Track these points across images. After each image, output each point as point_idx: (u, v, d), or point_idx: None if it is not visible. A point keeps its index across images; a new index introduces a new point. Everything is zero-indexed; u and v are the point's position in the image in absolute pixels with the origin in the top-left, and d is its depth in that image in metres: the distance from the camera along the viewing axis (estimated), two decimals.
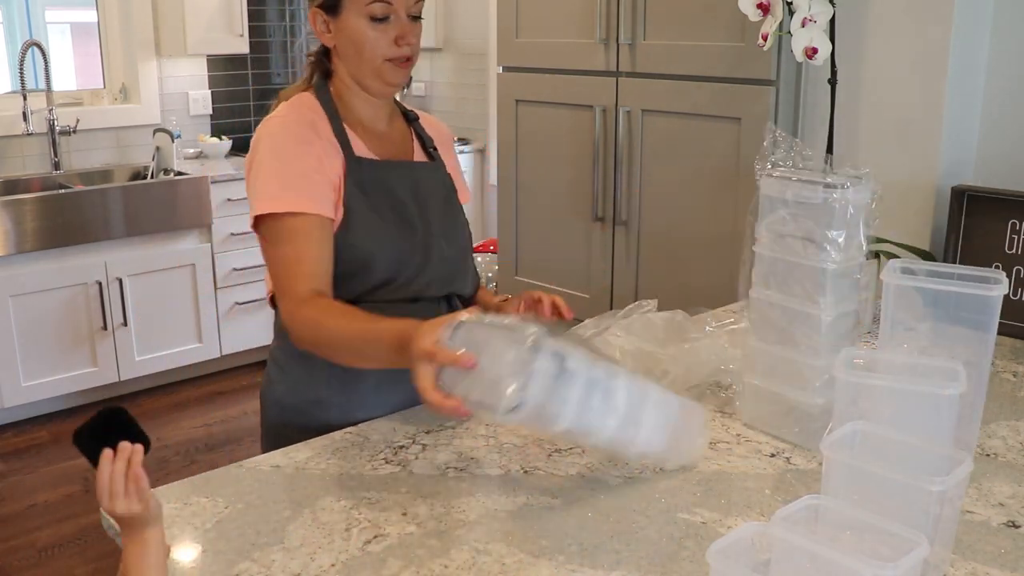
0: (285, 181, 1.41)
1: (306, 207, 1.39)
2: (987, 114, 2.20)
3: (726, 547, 0.86)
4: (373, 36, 1.46)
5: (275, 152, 1.44)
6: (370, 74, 1.50)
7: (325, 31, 1.50)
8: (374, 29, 1.46)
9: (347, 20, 1.47)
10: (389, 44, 1.47)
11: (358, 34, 1.47)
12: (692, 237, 2.58)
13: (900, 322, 1.34)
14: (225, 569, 1.10)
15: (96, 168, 4.25)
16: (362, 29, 1.46)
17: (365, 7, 1.45)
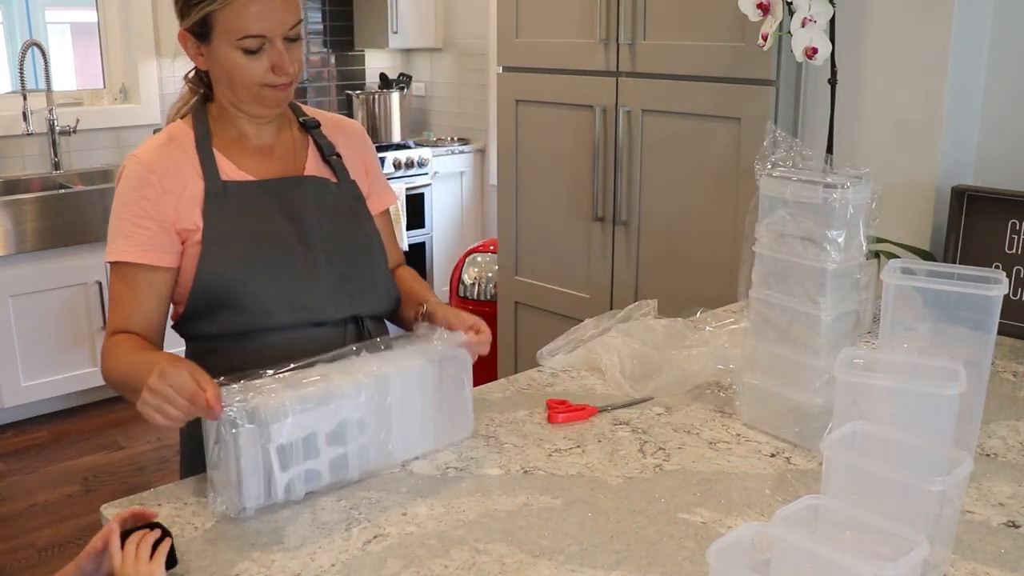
0: (120, 229, 1.43)
1: (134, 257, 1.42)
2: (987, 114, 2.20)
3: (726, 547, 0.86)
4: (246, 65, 1.40)
5: (118, 199, 1.45)
6: (247, 99, 1.44)
7: (197, 54, 1.44)
8: (247, 59, 1.39)
9: (218, 49, 1.40)
10: (265, 72, 1.40)
11: (230, 64, 1.40)
12: (692, 237, 2.58)
13: (900, 322, 1.34)
14: (225, 569, 1.10)
15: (96, 168, 4.25)
16: (234, 59, 1.39)
17: (236, 42, 1.38)
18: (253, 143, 1.51)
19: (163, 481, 1.30)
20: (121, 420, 3.85)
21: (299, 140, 1.57)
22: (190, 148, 1.46)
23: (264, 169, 1.50)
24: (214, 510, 1.21)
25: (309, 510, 1.24)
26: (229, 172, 1.46)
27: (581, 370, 1.74)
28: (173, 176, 1.44)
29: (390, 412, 1.31)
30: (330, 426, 1.24)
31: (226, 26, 1.37)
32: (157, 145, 1.47)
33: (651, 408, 1.58)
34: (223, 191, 1.44)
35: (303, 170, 1.53)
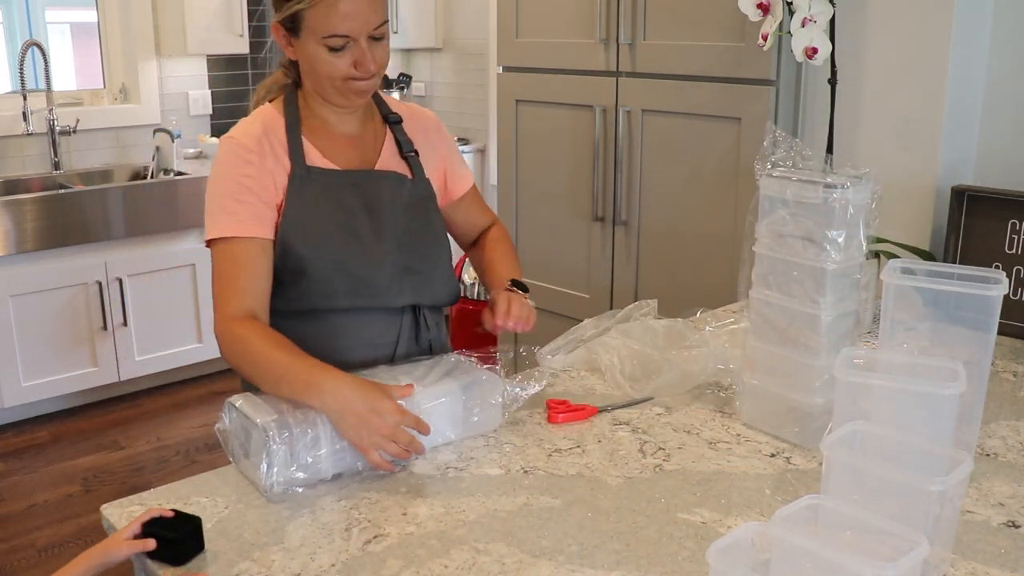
0: (223, 206, 1.48)
1: (239, 231, 1.46)
2: (987, 114, 2.20)
3: (726, 547, 0.86)
4: (330, 61, 1.45)
5: (217, 178, 1.50)
6: (331, 91, 1.50)
7: (287, 45, 1.50)
8: (332, 55, 1.45)
9: (306, 44, 1.46)
10: (348, 68, 1.46)
11: (315, 59, 1.46)
12: (692, 237, 2.58)
13: (900, 322, 1.34)
14: (225, 569, 1.10)
15: (96, 168, 4.25)
16: (319, 55, 1.46)
17: (322, 39, 1.44)
18: (337, 131, 1.57)
19: (163, 481, 1.31)
20: (121, 420, 3.85)
21: (379, 133, 1.63)
22: (280, 132, 1.52)
23: (346, 158, 1.56)
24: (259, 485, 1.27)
25: (309, 510, 1.24)
26: (314, 159, 1.53)
27: (581, 370, 1.74)
28: (268, 156, 1.50)
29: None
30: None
31: (314, 24, 1.43)
32: (251, 128, 1.53)
33: (651, 408, 1.58)
34: (307, 175, 1.51)
35: (376, 162, 1.60)
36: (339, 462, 1.31)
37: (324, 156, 1.54)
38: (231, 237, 1.46)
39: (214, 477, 1.33)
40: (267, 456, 1.24)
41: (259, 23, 4.65)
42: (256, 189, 1.48)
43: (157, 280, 3.91)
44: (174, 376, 4.17)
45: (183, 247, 3.99)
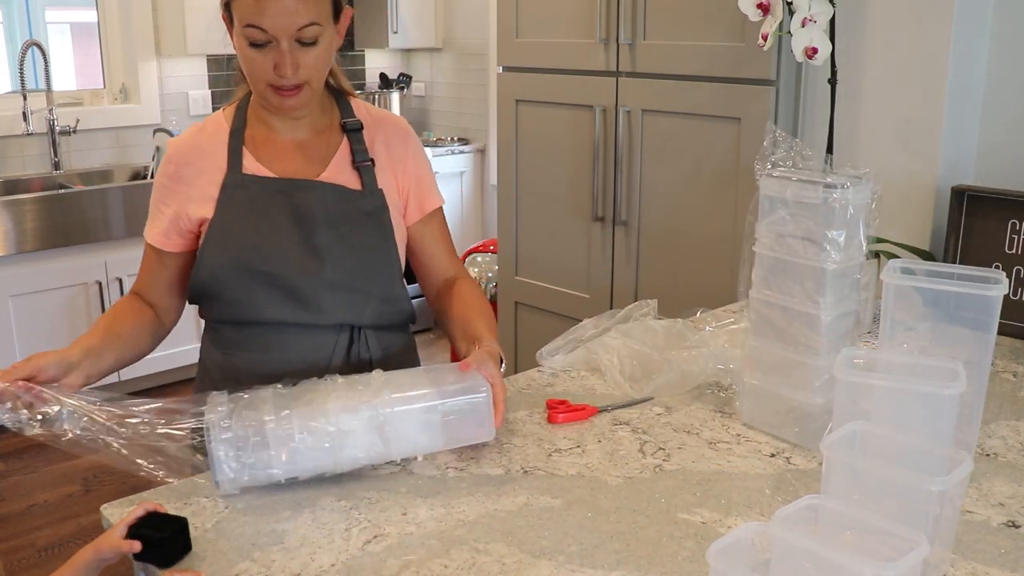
0: (150, 211, 1.55)
1: (150, 239, 1.55)
2: (987, 114, 2.20)
3: (726, 547, 0.86)
4: (252, 58, 1.40)
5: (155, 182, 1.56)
6: (259, 95, 1.46)
7: (230, 38, 1.45)
8: (254, 52, 1.39)
9: (236, 36, 1.42)
10: (269, 70, 1.39)
11: (242, 53, 1.42)
12: (692, 237, 2.58)
13: (900, 322, 1.34)
14: (225, 569, 1.10)
15: (96, 168, 4.25)
16: (243, 50, 1.41)
17: (243, 30, 1.38)
18: (283, 138, 1.53)
19: (163, 481, 1.30)
20: None
21: (333, 141, 1.54)
22: (221, 140, 1.50)
23: (285, 167, 1.50)
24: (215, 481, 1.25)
25: (309, 510, 1.24)
26: (249, 166, 1.49)
27: (581, 370, 1.73)
28: (192, 166, 1.49)
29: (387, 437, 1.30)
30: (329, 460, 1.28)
31: (239, 12, 1.39)
32: (189, 134, 1.54)
33: (651, 408, 1.58)
34: (239, 183, 1.48)
35: (321, 172, 1.52)
36: (290, 466, 1.25)
37: (261, 163, 1.49)
38: (145, 240, 1.56)
39: None
40: (210, 452, 1.22)
41: None
42: (168, 201, 1.51)
43: None
44: (174, 376, 4.17)
45: None
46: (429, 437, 1.32)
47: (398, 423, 1.29)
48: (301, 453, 1.25)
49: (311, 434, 1.25)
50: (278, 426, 1.24)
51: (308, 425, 1.25)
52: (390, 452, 1.30)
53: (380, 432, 1.28)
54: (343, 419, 1.26)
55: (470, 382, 1.34)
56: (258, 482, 1.25)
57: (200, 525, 1.20)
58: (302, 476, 1.27)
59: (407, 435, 1.30)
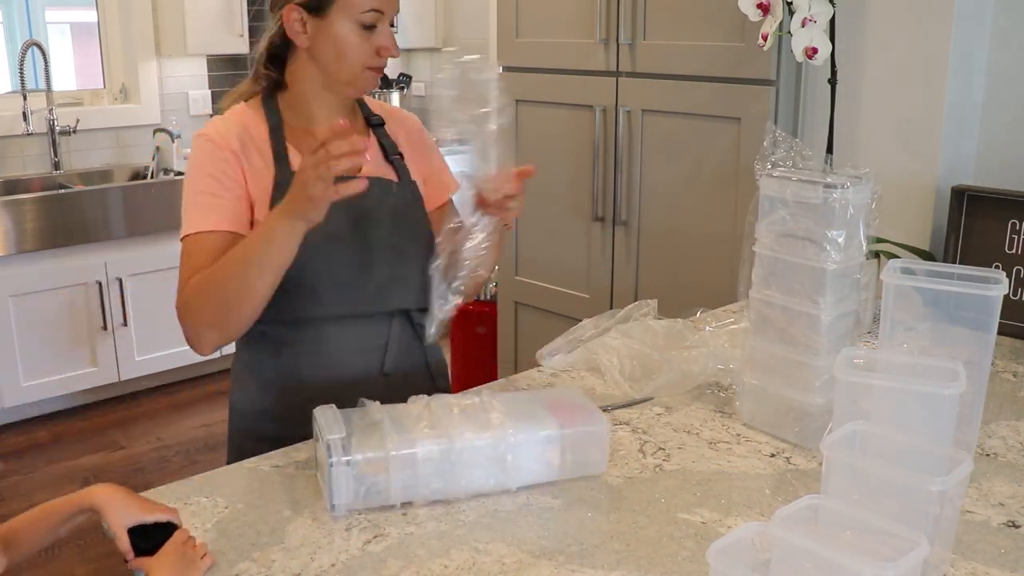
0: (199, 201, 1.45)
1: (212, 225, 1.43)
2: (987, 114, 2.20)
3: (726, 547, 0.86)
4: (357, 43, 1.44)
5: (193, 173, 1.47)
6: (346, 79, 1.48)
7: (301, 31, 1.45)
8: (360, 36, 1.44)
9: (333, 24, 1.43)
10: (371, 53, 1.45)
11: (342, 40, 1.44)
12: (692, 237, 2.58)
13: (900, 322, 1.33)
14: (225, 569, 1.10)
15: (96, 168, 4.25)
16: (347, 35, 1.44)
17: (359, 14, 1.42)
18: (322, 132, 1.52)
19: (163, 481, 1.31)
20: (121, 420, 3.86)
21: (362, 135, 1.58)
22: (262, 136, 1.49)
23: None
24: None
25: (309, 510, 1.24)
26: (297, 163, 1.48)
27: (581, 370, 1.73)
28: (244, 153, 1.47)
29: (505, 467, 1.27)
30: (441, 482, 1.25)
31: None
32: (227, 127, 1.48)
33: (651, 408, 1.58)
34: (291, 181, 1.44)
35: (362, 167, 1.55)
36: (408, 492, 1.23)
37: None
38: (207, 232, 1.43)
39: (214, 477, 1.33)
40: (329, 474, 1.19)
41: (259, 23, 4.65)
42: (230, 184, 1.45)
43: (157, 280, 3.91)
44: (174, 376, 4.17)
45: None
46: (547, 468, 1.30)
47: (520, 454, 1.27)
48: (419, 479, 1.23)
49: (432, 461, 1.23)
50: (399, 451, 1.21)
51: (430, 452, 1.22)
52: (507, 481, 1.27)
53: (501, 462, 1.26)
54: (466, 449, 1.24)
55: (588, 412, 1.34)
56: (371, 505, 1.23)
57: (200, 525, 1.20)
58: (417, 501, 1.24)
59: (526, 465, 1.28)
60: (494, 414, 1.28)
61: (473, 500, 1.26)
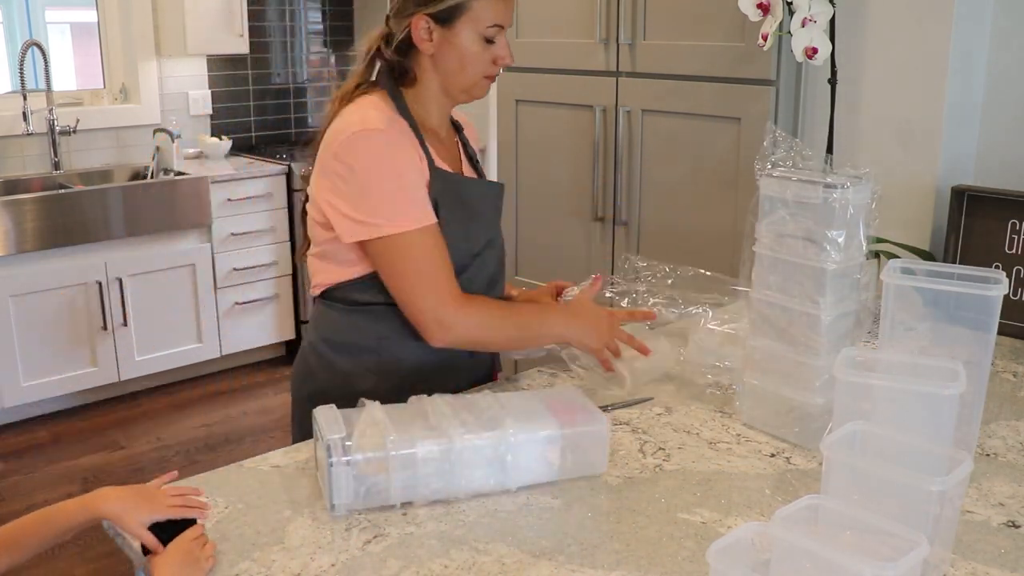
0: (404, 197, 1.45)
1: (430, 217, 1.47)
2: (987, 114, 2.20)
3: (726, 547, 0.86)
4: (478, 53, 1.50)
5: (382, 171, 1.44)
6: (464, 87, 1.54)
7: (427, 39, 1.49)
8: (481, 47, 1.50)
9: (458, 35, 1.49)
10: (489, 63, 1.53)
11: (465, 50, 1.50)
12: (692, 237, 2.58)
13: (900, 322, 1.34)
14: (225, 569, 1.10)
15: (96, 168, 4.25)
16: (471, 46, 1.50)
17: (485, 28, 1.49)
18: (437, 132, 1.59)
19: None
20: (121, 420, 3.85)
21: (454, 139, 1.67)
22: (405, 129, 1.50)
23: (449, 162, 1.58)
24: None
25: (309, 510, 1.24)
26: (435, 159, 1.53)
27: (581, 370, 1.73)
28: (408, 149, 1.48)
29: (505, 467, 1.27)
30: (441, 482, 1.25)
31: (480, 13, 1.48)
32: (386, 119, 1.48)
33: (651, 408, 1.58)
34: (442, 178, 1.52)
35: (462, 168, 1.63)
36: (408, 492, 1.23)
37: (441, 160, 1.54)
38: (427, 225, 1.46)
39: (214, 477, 1.33)
40: (329, 474, 1.19)
41: (259, 23, 4.65)
42: (418, 179, 1.47)
43: (157, 280, 3.91)
44: (174, 376, 4.17)
45: (183, 247, 4.00)
46: (547, 468, 1.30)
47: (520, 454, 1.27)
48: (419, 479, 1.23)
49: (432, 461, 1.23)
50: (399, 452, 1.21)
51: (430, 451, 1.22)
52: (507, 481, 1.27)
53: (501, 462, 1.26)
54: (466, 449, 1.24)
55: (588, 412, 1.34)
56: (371, 505, 1.23)
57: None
58: (417, 501, 1.24)
59: (526, 465, 1.28)
60: (494, 414, 1.28)
61: (473, 500, 1.26)
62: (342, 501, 1.20)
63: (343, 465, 1.19)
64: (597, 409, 1.35)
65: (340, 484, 1.19)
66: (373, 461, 1.20)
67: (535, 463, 1.29)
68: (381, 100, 1.51)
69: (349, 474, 1.19)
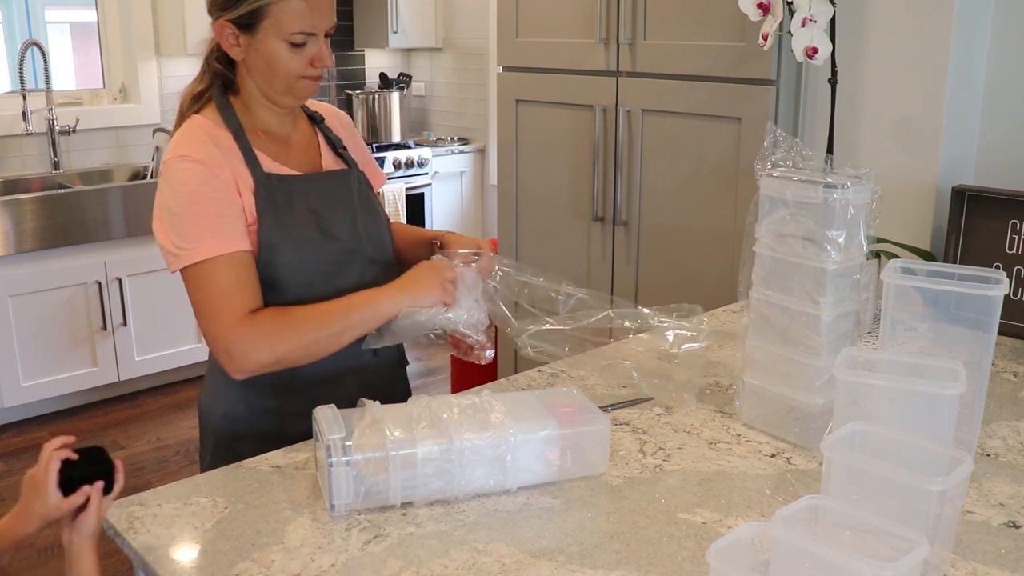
0: (201, 225, 1.41)
1: (227, 248, 1.41)
2: (987, 114, 2.20)
3: (726, 547, 0.86)
4: (288, 57, 1.45)
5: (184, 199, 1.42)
6: (282, 90, 1.49)
7: (234, 44, 1.46)
8: (290, 51, 1.44)
9: (263, 40, 1.44)
10: (304, 65, 1.46)
11: (273, 55, 1.45)
12: (692, 237, 2.58)
13: (900, 322, 1.34)
14: (225, 569, 1.10)
15: (96, 168, 4.25)
16: (278, 51, 1.44)
17: (289, 35, 1.43)
18: (276, 134, 1.56)
19: (163, 481, 1.30)
20: (121, 420, 3.86)
21: (311, 133, 1.63)
22: (229, 144, 1.48)
23: (296, 162, 1.56)
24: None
25: (309, 510, 1.23)
26: (267, 165, 1.51)
27: (581, 370, 1.73)
28: (223, 166, 1.45)
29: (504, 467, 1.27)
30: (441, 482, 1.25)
31: (278, 20, 1.42)
32: (200, 142, 1.46)
33: (651, 408, 1.58)
34: (270, 183, 1.48)
35: (320, 162, 1.60)
36: (408, 492, 1.23)
37: (277, 161, 1.51)
38: (225, 255, 1.41)
39: (214, 477, 1.33)
40: (329, 475, 1.19)
41: None
42: (228, 202, 1.43)
43: (157, 280, 3.91)
44: (174, 376, 4.17)
45: None
46: (547, 468, 1.30)
47: (520, 454, 1.27)
48: (420, 479, 1.22)
49: (432, 461, 1.22)
50: (399, 452, 1.21)
51: (431, 452, 1.22)
52: (507, 482, 1.27)
53: (501, 462, 1.26)
54: (466, 449, 1.23)
55: (589, 412, 1.33)
56: (371, 505, 1.23)
57: (200, 525, 1.20)
58: (417, 502, 1.24)
59: (526, 466, 1.28)
60: (494, 414, 1.28)
61: (473, 500, 1.26)
62: (342, 501, 1.20)
63: (343, 466, 1.18)
64: (597, 409, 1.34)
65: (340, 484, 1.19)
66: (373, 461, 1.20)
67: (535, 463, 1.29)
68: (206, 116, 1.50)
69: (349, 474, 1.19)
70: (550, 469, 1.30)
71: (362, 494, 1.21)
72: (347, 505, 1.21)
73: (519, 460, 1.27)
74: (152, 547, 1.15)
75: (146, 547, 1.15)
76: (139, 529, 1.19)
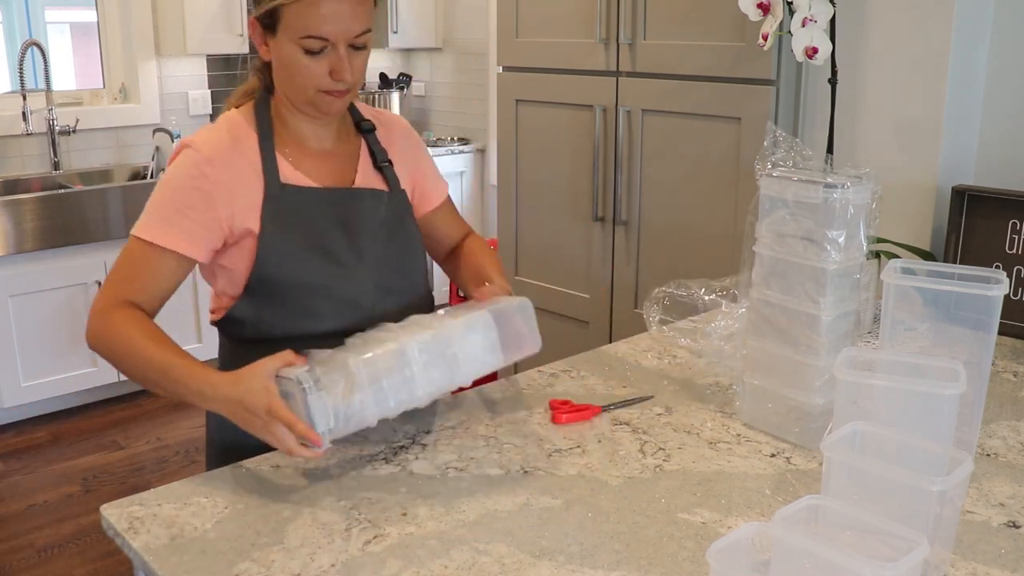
0: (162, 211, 1.41)
1: (164, 241, 1.39)
2: (987, 114, 2.20)
3: (726, 547, 0.86)
4: (306, 65, 1.37)
5: (169, 182, 1.42)
6: (303, 101, 1.43)
7: (262, 44, 1.42)
8: (308, 59, 1.37)
9: (282, 43, 1.38)
10: (323, 76, 1.38)
11: (291, 61, 1.38)
12: (692, 237, 2.58)
13: (900, 322, 1.34)
14: (225, 569, 1.10)
15: (96, 168, 4.25)
16: (295, 57, 1.37)
17: (299, 40, 1.36)
18: (312, 145, 1.49)
19: (163, 481, 1.30)
20: (121, 420, 3.85)
21: (355, 144, 1.55)
22: (251, 146, 1.44)
23: (320, 174, 1.49)
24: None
25: (309, 510, 1.24)
26: (287, 174, 1.45)
27: (581, 370, 1.73)
28: (232, 172, 1.42)
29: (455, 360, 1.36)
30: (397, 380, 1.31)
31: (292, 22, 1.35)
32: (218, 138, 1.44)
33: (651, 408, 1.58)
34: (281, 194, 1.43)
35: (354, 178, 1.52)
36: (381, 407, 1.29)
37: (299, 171, 1.46)
38: (157, 244, 1.39)
39: (214, 477, 1.33)
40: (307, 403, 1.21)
41: None
42: (201, 207, 1.39)
43: None
44: None
45: None
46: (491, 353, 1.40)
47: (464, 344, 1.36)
48: (386, 392, 1.29)
49: (393, 370, 1.29)
50: (365, 369, 1.26)
51: (390, 364, 1.29)
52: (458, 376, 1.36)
53: (451, 357, 1.34)
54: (415, 346, 1.31)
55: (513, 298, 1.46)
56: (350, 430, 1.28)
57: (200, 525, 1.20)
58: (390, 416, 1.31)
59: (472, 354, 1.37)
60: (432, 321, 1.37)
61: (473, 500, 1.26)
62: (326, 427, 1.23)
63: (316, 391, 1.22)
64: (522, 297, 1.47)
65: (317, 409, 1.22)
66: (340, 382, 1.24)
67: (479, 351, 1.38)
68: (241, 114, 1.47)
69: (326, 402, 1.23)
70: (494, 354, 1.40)
71: (342, 420, 1.25)
72: (332, 431, 1.24)
73: (465, 349, 1.36)
74: (152, 547, 1.15)
75: (146, 547, 1.15)
76: (139, 529, 1.19)
